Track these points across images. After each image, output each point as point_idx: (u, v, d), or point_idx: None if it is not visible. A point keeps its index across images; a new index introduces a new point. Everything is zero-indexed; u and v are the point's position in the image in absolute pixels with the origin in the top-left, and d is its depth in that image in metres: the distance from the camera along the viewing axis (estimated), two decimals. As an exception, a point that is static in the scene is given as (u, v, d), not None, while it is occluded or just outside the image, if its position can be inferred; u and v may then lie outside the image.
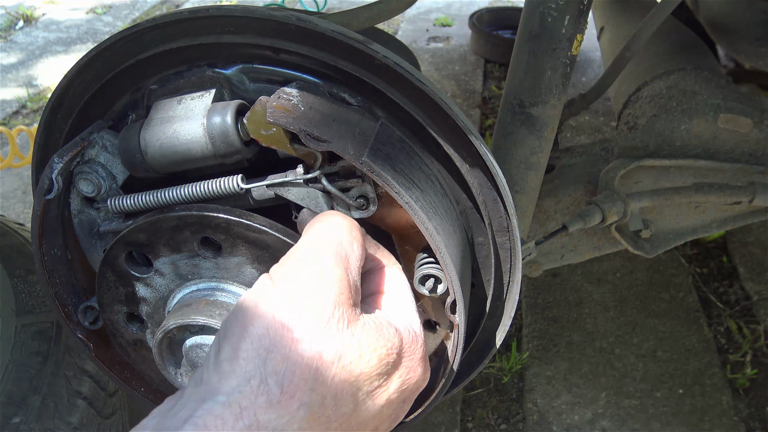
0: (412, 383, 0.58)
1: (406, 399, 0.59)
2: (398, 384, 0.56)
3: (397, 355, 0.56)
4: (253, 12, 0.67)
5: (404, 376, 0.57)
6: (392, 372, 0.56)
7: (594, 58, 3.62)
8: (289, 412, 0.49)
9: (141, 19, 2.78)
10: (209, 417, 0.48)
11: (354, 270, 0.57)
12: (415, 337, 0.59)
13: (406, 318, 0.60)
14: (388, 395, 0.55)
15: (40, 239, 0.72)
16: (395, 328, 0.57)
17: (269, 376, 0.50)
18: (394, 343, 0.56)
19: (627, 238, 1.39)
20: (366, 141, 0.64)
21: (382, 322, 0.57)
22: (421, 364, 0.59)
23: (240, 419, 0.48)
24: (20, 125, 3.01)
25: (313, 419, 0.50)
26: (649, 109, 1.50)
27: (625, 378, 1.91)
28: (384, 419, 0.57)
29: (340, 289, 0.54)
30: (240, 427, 0.47)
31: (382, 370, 0.54)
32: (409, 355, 0.57)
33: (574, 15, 0.92)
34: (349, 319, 0.54)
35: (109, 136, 0.72)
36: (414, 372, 0.58)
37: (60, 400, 1.23)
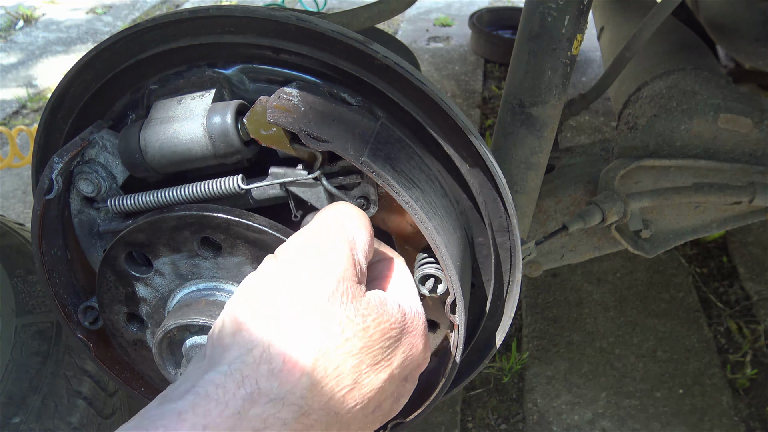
0: (414, 359, 0.58)
1: (407, 377, 0.59)
2: (401, 359, 0.57)
3: (400, 330, 0.57)
4: (253, 12, 0.67)
5: (407, 351, 0.57)
6: (395, 347, 0.56)
7: (594, 58, 3.62)
8: (291, 381, 0.49)
9: (141, 19, 2.78)
10: (210, 386, 0.48)
11: (359, 252, 0.58)
12: (417, 313, 0.60)
13: (409, 298, 0.61)
14: (391, 370, 0.55)
15: (40, 239, 0.72)
16: (398, 304, 0.58)
17: (271, 345, 0.50)
18: (398, 318, 0.56)
19: (627, 238, 1.39)
20: (366, 141, 0.64)
21: (386, 299, 0.57)
22: (423, 340, 0.60)
23: (242, 387, 0.48)
24: (20, 125, 3.01)
25: (315, 389, 0.50)
26: (649, 109, 1.50)
27: (625, 378, 1.91)
28: (387, 396, 0.57)
29: (344, 265, 0.55)
30: (242, 395, 0.47)
31: (385, 344, 0.55)
32: (412, 331, 0.58)
33: (574, 15, 0.92)
34: (353, 294, 0.54)
35: (109, 136, 0.72)
36: (416, 348, 0.58)
37: (60, 400, 1.23)
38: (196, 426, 0.45)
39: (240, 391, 0.48)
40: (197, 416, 0.46)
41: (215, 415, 0.46)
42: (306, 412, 0.49)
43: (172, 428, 0.45)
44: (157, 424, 0.45)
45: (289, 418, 0.48)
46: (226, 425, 0.46)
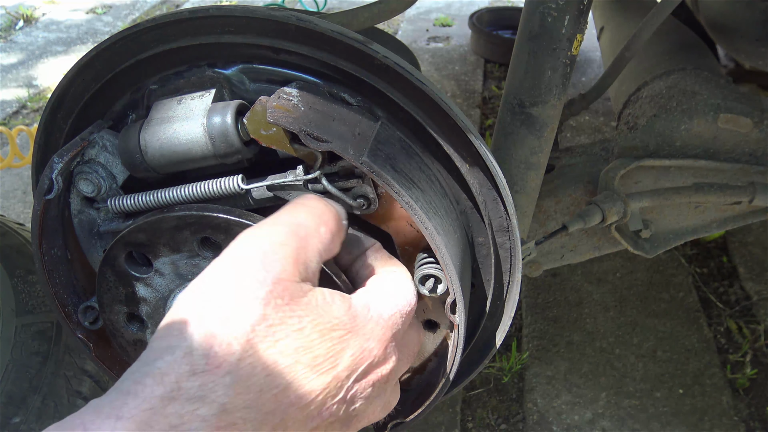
0: (366, 362, 0.57)
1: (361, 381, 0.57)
2: (349, 362, 0.55)
3: (346, 331, 0.55)
4: (253, 12, 0.66)
5: (357, 354, 0.56)
6: (341, 348, 0.55)
7: (594, 58, 3.62)
8: (213, 380, 0.49)
9: (141, 19, 2.78)
10: (131, 383, 0.49)
11: (311, 250, 0.57)
12: (375, 318, 0.58)
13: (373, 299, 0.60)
14: (336, 373, 0.54)
15: (40, 239, 0.72)
16: (349, 305, 0.57)
17: (195, 348, 0.50)
18: (343, 320, 0.55)
19: (627, 238, 1.39)
20: (366, 141, 0.64)
21: (334, 299, 0.56)
22: (380, 345, 0.58)
23: (160, 385, 0.48)
24: (20, 125, 3.01)
25: (240, 387, 0.50)
26: (649, 109, 1.50)
27: (625, 378, 1.91)
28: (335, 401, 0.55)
29: (284, 266, 0.54)
30: (159, 393, 0.48)
31: (327, 345, 0.54)
32: (364, 335, 0.57)
33: (574, 15, 0.92)
34: (291, 295, 0.54)
35: (109, 136, 0.72)
36: (369, 353, 0.57)
37: (60, 400, 1.23)
38: (110, 416, 0.46)
39: (158, 389, 0.48)
40: (113, 409, 0.47)
41: (131, 407, 0.47)
42: (228, 409, 0.49)
43: (88, 420, 0.46)
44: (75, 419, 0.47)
45: (209, 415, 0.48)
46: (141, 418, 0.46)
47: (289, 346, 0.52)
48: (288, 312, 0.53)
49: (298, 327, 0.53)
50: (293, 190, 0.66)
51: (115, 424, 0.46)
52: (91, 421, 0.46)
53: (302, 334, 0.53)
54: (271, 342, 0.52)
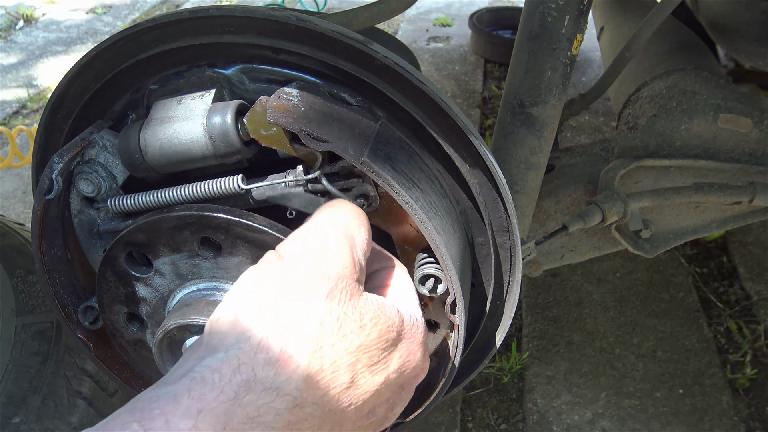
0: (411, 367, 0.58)
1: (404, 385, 0.59)
2: (398, 364, 0.56)
3: (398, 333, 0.56)
4: (253, 12, 0.66)
5: (404, 357, 0.57)
6: (392, 350, 0.55)
7: (594, 58, 3.62)
8: (287, 371, 0.49)
9: (141, 19, 2.78)
10: (207, 371, 0.48)
11: (359, 250, 0.58)
12: (417, 322, 0.59)
13: (409, 305, 0.61)
14: (387, 374, 0.55)
15: (40, 239, 0.72)
16: (397, 309, 0.58)
17: (269, 335, 0.50)
18: (395, 322, 0.56)
19: (627, 238, 1.39)
20: (366, 141, 0.64)
21: (384, 302, 0.57)
22: (421, 350, 0.59)
23: (238, 373, 0.48)
24: (20, 125, 3.01)
25: (311, 381, 0.49)
26: (649, 109, 1.50)
27: (625, 378, 1.91)
28: (381, 401, 0.56)
29: (344, 263, 0.55)
30: (237, 381, 0.47)
31: (382, 346, 0.54)
32: (410, 338, 0.58)
33: (574, 15, 0.92)
34: (351, 293, 0.54)
35: (109, 136, 0.72)
36: (414, 356, 0.58)
37: (60, 400, 1.23)
38: (191, 409, 0.45)
39: (236, 377, 0.47)
40: (192, 399, 0.46)
41: (210, 399, 0.46)
42: (300, 404, 0.48)
43: (168, 411, 0.45)
44: (153, 407, 0.45)
45: (283, 408, 0.47)
46: (221, 410, 0.45)
47: (353, 343, 0.52)
48: (351, 308, 0.53)
49: (360, 324, 0.53)
50: (294, 197, 0.67)
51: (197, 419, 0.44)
52: (171, 412, 0.45)
53: (363, 332, 0.53)
54: (338, 337, 0.52)
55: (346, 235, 0.58)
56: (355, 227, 0.59)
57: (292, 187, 0.67)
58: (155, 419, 0.44)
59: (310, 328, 0.51)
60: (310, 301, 0.52)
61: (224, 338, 0.51)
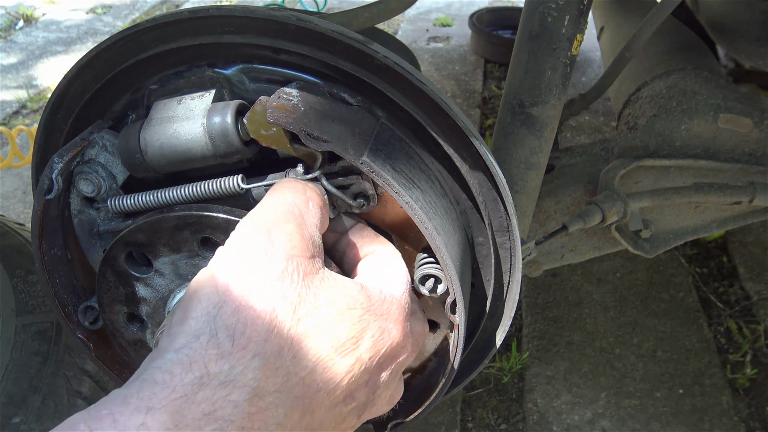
0: (387, 345, 0.56)
1: (383, 365, 0.57)
2: (370, 344, 0.54)
3: (364, 311, 0.55)
4: (253, 12, 0.66)
5: (377, 336, 0.55)
6: (362, 329, 0.54)
7: (594, 58, 3.62)
8: (242, 362, 0.48)
9: (141, 19, 2.78)
10: (157, 372, 0.47)
11: (310, 226, 0.57)
12: (391, 298, 0.58)
13: (383, 282, 0.59)
14: (358, 355, 0.54)
15: (40, 239, 0.72)
16: (360, 285, 0.56)
17: (219, 330, 0.49)
18: (358, 299, 0.55)
19: (627, 238, 1.39)
20: (366, 141, 0.64)
21: (345, 279, 0.56)
22: (398, 327, 0.57)
23: (189, 372, 0.47)
24: (20, 125, 3.01)
25: (269, 369, 0.48)
26: (649, 109, 1.50)
27: (625, 378, 1.91)
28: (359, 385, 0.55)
29: (292, 242, 0.54)
30: (189, 380, 0.47)
31: (347, 325, 0.53)
32: (382, 314, 0.56)
33: (574, 15, 0.92)
34: (305, 272, 0.53)
35: (109, 136, 0.72)
36: (388, 333, 0.56)
37: (60, 400, 1.23)
38: (140, 408, 0.45)
39: (188, 376, 0.47)
40: (141, 399, 0.45)
41: (161, 398, 0.45)
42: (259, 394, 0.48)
43: (116, 411, 0.44)
44: (101, 408, 0.45)
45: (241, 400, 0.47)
46: (172, 407, 0.45)
47: (309, 325, 0.51)
48: (304, 289, 0.52)
49: (315, 305, 0.52)
50: None
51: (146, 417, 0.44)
52: (120, 412, 0.45)
53: (319, 313, 0.52)
54: (294, 321, 0.51)
55: (292, 214, 0.56)
56: (302, 204, 0.58)
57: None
58: (102, 419, 0.44)
59: (263, 315, 0.50)
60: (258, 287, 0.51)
61: (174, 339, 0.50)
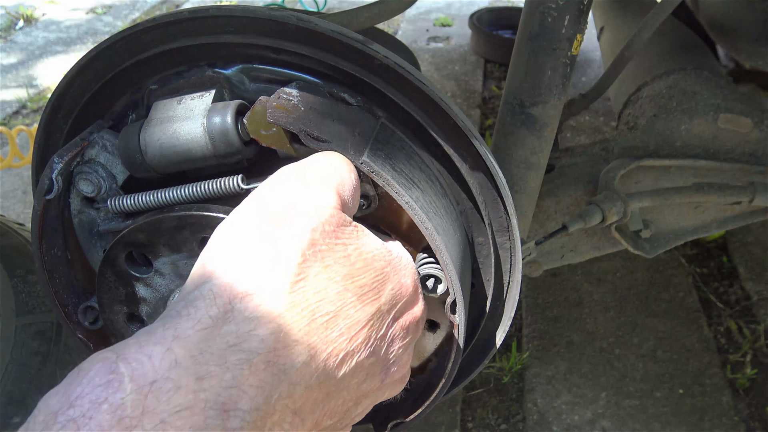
0: (405, 299, 0.58)
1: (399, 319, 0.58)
2: (390, 295, 0.56)
3: (387, 263, 0.57)
4: (253, 12, 0.66)
5: (396, 288, 0.57)
6: (383, 280, 0.56)
7: (594, 58, 3.62)
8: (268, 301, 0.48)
9: (141, 19, 2.78)
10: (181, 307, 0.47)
11: (348, 188, 0.59)
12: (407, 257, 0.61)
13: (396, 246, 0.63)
14: (379, 305, 0.55)
15: (40, 239, 0.72)
16: (382, 242, 0.59)
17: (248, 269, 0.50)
18: (382, 252, 0.57)
19: (627, 238, 1.39)
20: (366, 141, 0.64)
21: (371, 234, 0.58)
22: (412, 282, 0.60)
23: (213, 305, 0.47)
24: (20, 125, 3.01)
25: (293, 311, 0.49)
26: (649, 109, 1.50)
27: (625, 378, 1.91)
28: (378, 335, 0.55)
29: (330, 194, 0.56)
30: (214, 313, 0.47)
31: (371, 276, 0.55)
32: (400, 269, 0.59)
33: (574, 15, 0.92)
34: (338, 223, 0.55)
35: (109, 136, 0.72)
36: (405, 288, 0.58)
37: (60, 400, 1.23)
38: (166, 336, 0.45)
39: (212, 309, 0.47)
40: (167, 330, 0.45)
41: (186, 328, 0.45)
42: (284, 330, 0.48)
43: (142, 340, 0.45)
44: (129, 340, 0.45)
45: (267, 335, 0.47)
46: (197, 337, 0.45)
47: (337, 272, 0.52)
48: (335, 239, 0.53)
49: (344, 254, 0.53)
50: None
51: (172, 342, 0.44)
52: (146, 340, 0.44)
53: (348, 261, 0.53)
54: (321, 267, 0.51)
55: (333, 173, 0.58)
56: (346, 170, 0.60)
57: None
58: (129, 347, 0.44)
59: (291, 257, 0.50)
60: (293, 230, 0.52)
61: (198, 281, 0.50)
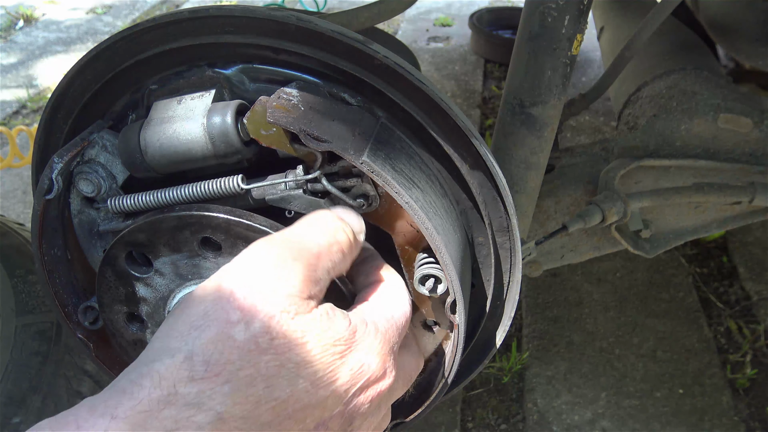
0: (365, 377, 0.56)
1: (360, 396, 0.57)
2: (348, 377, 0.55)
3: (347, 346, 0.55)
4: (253, 12, 0.66)
5: (355, 368, 0.55)
6: (341, 363, 0.55)
7: (594, 58, 3.62)
8: (211, 387, 0.49)
9: (141, 19, 2.78)
10: (127, 383, 0.48)
11: (321, 269, 0.57)
12: (372, 332, 0.58)
13: (374, 313, 0.60)
14: (335, 387, 0.54)
15: (40, 239, 0.72)
16: (349, 320, 0.57)
17: (196, 354, 0.50)
18: (343, 336, 0.55)
19: (627, 238, 1.39)
20: (366, 141, 0.64)
21: (336, 314, 0.56)
22: (378, 359, 0.57)
23: (158, 388, 0.48)
24: (20, 125, 3.01)
25: (239, 396, 0.49)
26: (649, 109, 1.50)
27: (625, 378, 1.91)
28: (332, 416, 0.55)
29: (293, 282, 0.54)
30: (156, 395, 0.47)
31: (328, 359, 0.54)
32: (362, 349, 0.56)
33: (574, 15, 0.92)
34: (296, 311, 0.54)
35: (109, 136, 0.72)
36: (367, 366, 0.56)
37: (60, 400, 1.23)
38: (105, 415, 0.46)
39: (155, 391, 0.48)
40: (108, 408, 0.47)
41: (126, 408, 0.46)
42: (224, 419, 0.48)
43: (81, 417, 0.46)
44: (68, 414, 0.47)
45: (204, 422, 0.47)
46: (136, 420, 0.46)
47: (291, 360, 0.52)
48: (293, 326, 0.53)
49: (301, 341, 0.53)
50: (293, 197, 0.67)
51: (109, 424, 0.46)
52: (84, 419, 0.46)
53: (304, 349, 0.53)
54: (273, 355, 0.51)
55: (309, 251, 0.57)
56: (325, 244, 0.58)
57: (292, 188, 0.67)
58: (68, 425, 0.46)
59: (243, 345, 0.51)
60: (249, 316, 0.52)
61: (148, 352, 0.51)
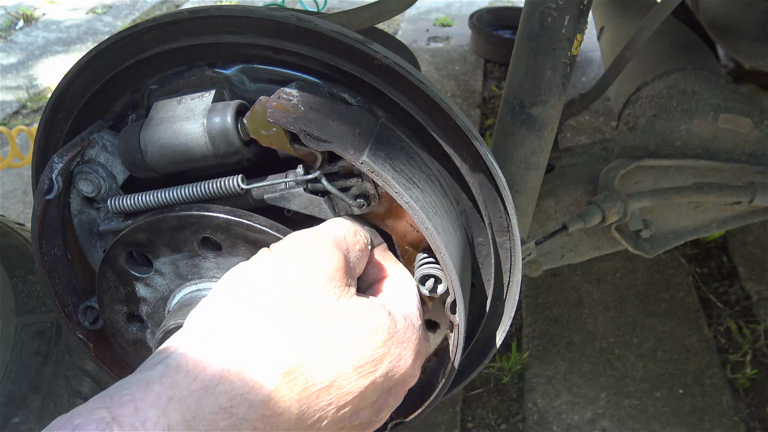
0: (401, 372, 0.57)
1: (392, 390, 0.58)
2: (386, 368, 0.55)
3: (389, 336, 0.56)
4: (253, 12, 0.67)
5: (394, 361, 0.56)
6: (382, 354, 0.55)
7: (594, 58, 3.62)
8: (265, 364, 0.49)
9: (141, 19, 2.78)
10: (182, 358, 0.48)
11: (352, 258, 0.59)
12: (411, 326, 0.58)
13: (405, 308, 0.60)
14: (375, 377, 0.54)
15: (40, 239, 0.72)
16: (388, 311, 0.57)
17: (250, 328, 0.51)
18: (385, 324, 0.56)
19: (627, 238, 1.39)
20: (366, 141, 0.64)
21: (375, 304, 0.57)
22: (413, 355, 0.58)
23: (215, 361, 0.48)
24: (20, 125, 3.01)
25: (288, 376, 0.49)
26: (649, 109, 1.50)
27: (625, 378, 1.91)
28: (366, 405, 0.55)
29: (335, 267, 0.56)
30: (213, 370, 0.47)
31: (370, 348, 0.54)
32: (402, 342, 0.57)
33: (574, 15, 0.92)
34: (339, 294, 0.55)
35: (109, 136, 0.72)
36: (404, 360, 0.57)
37: (60, 400, 1.23)
38: (162, 396, 0.45)
39: (212, 365, 0.47)
40: (164, 386, 0.46)
41: (182, 387, 0.46)
42: (275, 398, 0.48)
43: (138, 398, 0.45)
44: (123, 393, 0.45)
45: (257, 401, 0.47)
46: (192, 399, 0.45)
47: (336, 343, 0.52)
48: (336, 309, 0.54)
49: (348, 321, 0.53)
50: (293, 197, 0.67)
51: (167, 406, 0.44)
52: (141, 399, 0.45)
53: (351, 331, 0.53)
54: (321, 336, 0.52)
55: (339, 243, 0.59)
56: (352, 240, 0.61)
57: (292, 187, 0.67)
58: (124, 405, 0.44)
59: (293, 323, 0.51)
60: (296, 299, 0.52)
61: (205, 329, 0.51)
